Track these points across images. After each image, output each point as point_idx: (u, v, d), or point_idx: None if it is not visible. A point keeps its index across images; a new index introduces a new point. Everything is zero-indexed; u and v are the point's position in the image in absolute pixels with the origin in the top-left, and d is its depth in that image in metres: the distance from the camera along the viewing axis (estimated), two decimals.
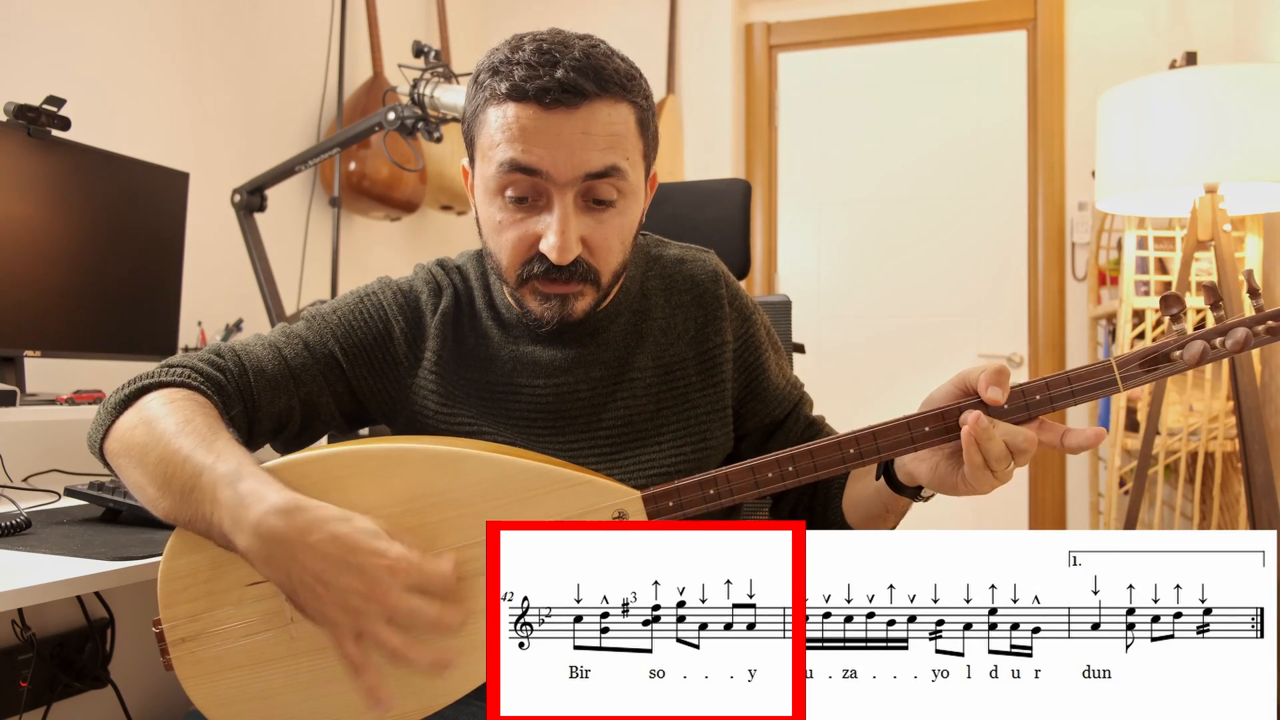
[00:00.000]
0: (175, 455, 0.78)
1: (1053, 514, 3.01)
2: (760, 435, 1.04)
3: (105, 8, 1.92)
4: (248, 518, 0.72)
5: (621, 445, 0.96)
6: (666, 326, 0.99)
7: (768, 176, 3.33)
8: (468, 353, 0.99)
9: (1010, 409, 0.78)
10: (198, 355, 0.93)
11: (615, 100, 0.86)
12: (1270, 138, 1.85)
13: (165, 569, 0.79)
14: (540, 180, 0.85)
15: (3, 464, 1.52)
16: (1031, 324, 3.07)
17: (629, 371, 0.97)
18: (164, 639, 0.79)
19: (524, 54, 0.85)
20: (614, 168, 0.86)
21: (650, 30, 3.24)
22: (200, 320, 2.06)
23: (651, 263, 1.03)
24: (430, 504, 0.79)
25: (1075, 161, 2.98)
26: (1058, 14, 3.02)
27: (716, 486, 0.81)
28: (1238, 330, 0.77)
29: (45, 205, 1.55)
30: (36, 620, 1.56)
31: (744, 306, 1.03)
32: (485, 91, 0.87)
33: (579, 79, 0.83)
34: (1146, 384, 0.81)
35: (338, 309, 0.99)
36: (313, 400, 0.96)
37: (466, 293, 1.01)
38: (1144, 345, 0.81)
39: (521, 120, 0.84)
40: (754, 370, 1.02)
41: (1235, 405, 1.91)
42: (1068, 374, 0.79)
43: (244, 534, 0.72)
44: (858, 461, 0.81)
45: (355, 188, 2.45)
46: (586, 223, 0.87)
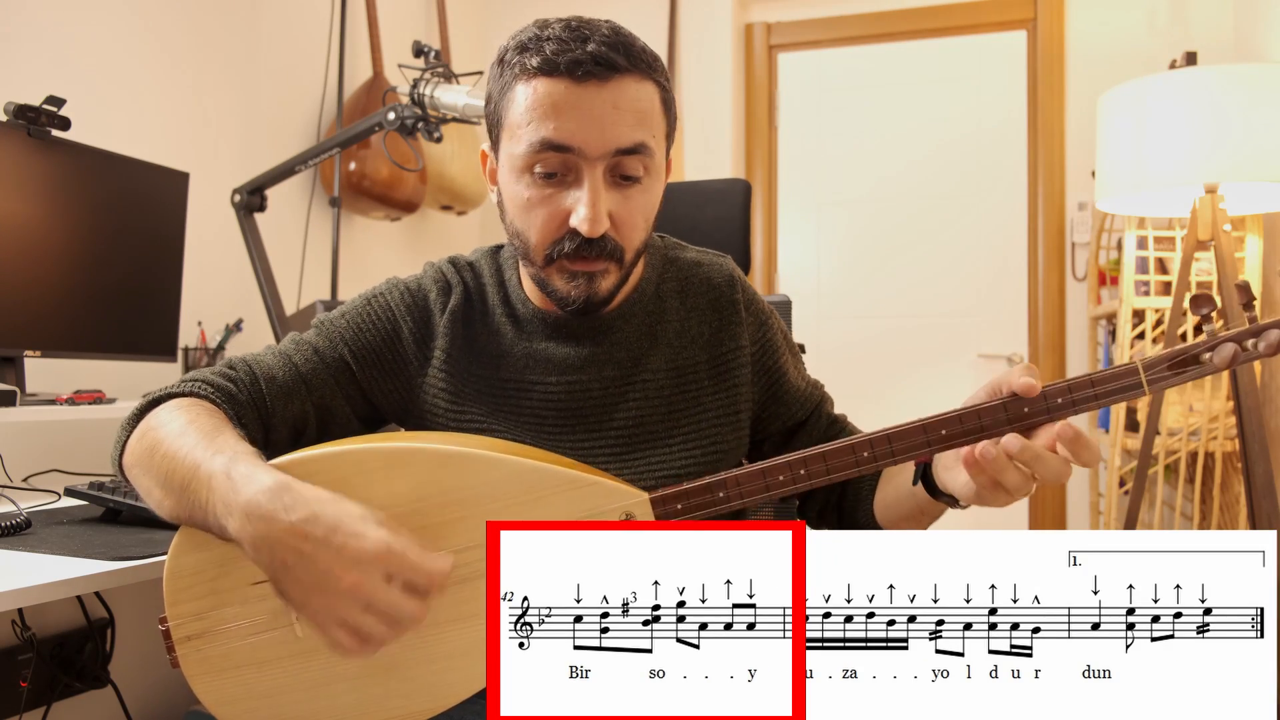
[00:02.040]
0: (177, 453, 0.79)
1: (1053, 514, 3.01)
2: (782, 437, 1.05)
3: (105, 8, 1.92)
4: (237, 500, 0.72)
5: (632, 446, 0.96)
6: (681, 329, 0.99)
7: (768, 176, 3.33)
8: (479, 350, 0.98)
9: (1031, 411, 0.77)
10: (210, 369, 0.93)
11: (642, 77, 0.87)
12: (1270, 138, 1.85)
13: (171, 567, 0.79)
14: (571, 156, 0.85)
15: (3, 464, 1.52)
16: (1031, 324, 3.07)
17: (641, 372, 0.97)
18: (170, 636, 0.79)
19: (554, 30, 0.86)
20: (642, 144, 0.87)
21: (650, 30, 3.24)
22: (200, 320, 2.06)
23: (668, 265, 1.03)
24: (437, 504, 0.79)
25: (1075, 161, 2.98)
26: (1058, 14, 3.02)
27: (726, 489, 0.81)
28: (1271, 332, 0.74)
29: (45, 205, 1.55)
30: (36, 620, 1.56)
31: (760, 311, 1.03)
32: (513, 69, 0.87)
33: (610, 53, 0.84)
34: (1175, 386, 0.77)
35: (346, 313, 0.99)
36: (326, 405, 0.96)
37: (479, 289, 1.01)
38: (1146, 345, 0.79)
39: (553, 95, 0.85)
40: (773, 374, 1.02)
41: (1235, 405, 1.91)
42: (1090, 377, 0.77)
43: (234, 517, 0.72)
44: (871, 465, 0.80)
45: (355, 188, 2.45)
46: (614, 198, 0.88)
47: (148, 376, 1.93)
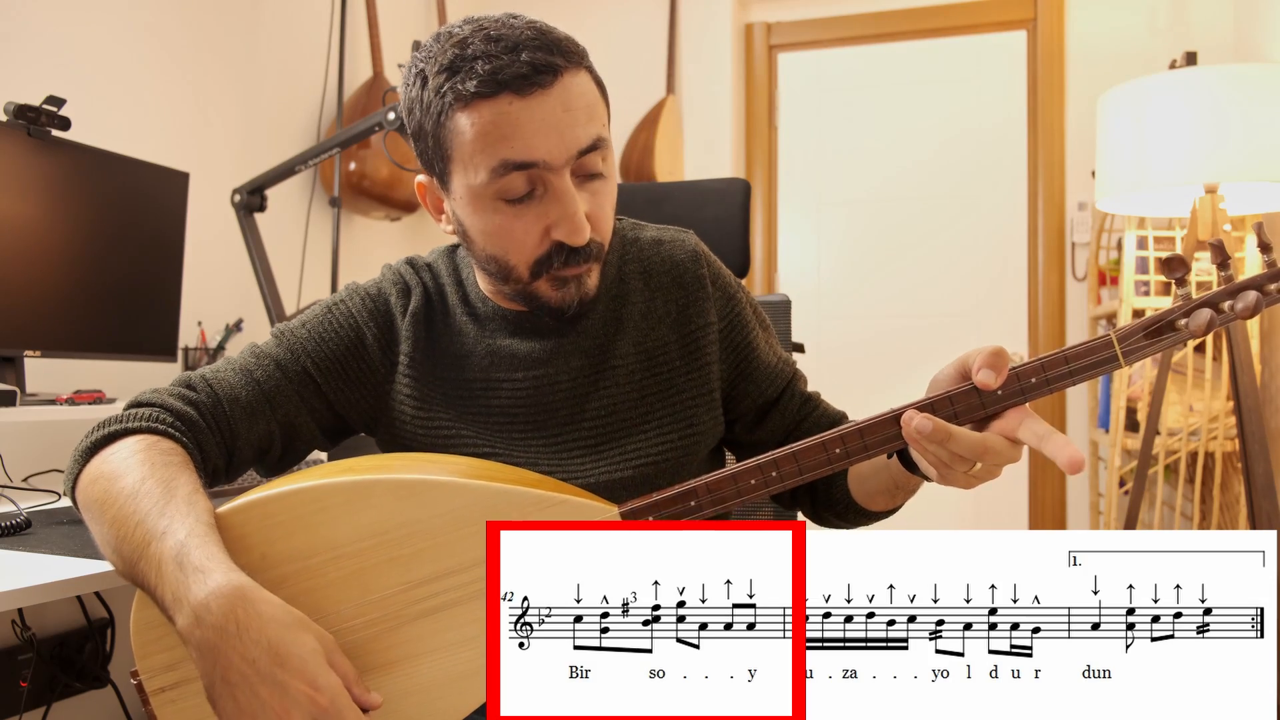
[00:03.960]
0: (128, 520, 0.74)
1: (1053, 514, 3.01)
2: (754, 416, 1.01)
3: (105, 8, 1.92)
4: (188, 598, 0.68)
5: (606, 436, 0.94)
6: (647, 311, 0.96)
7: (768, 176, 3.33)
8: (442, 352, 0.96)
9: (1005, 394, 0.75)
10: (168, 389, 0.89)
11: (576, 69, 0.84)
12: (1270, 138, 1.85)
13: (136, 619, 0.76)
14: (536, 171, 0.82)
15: (3, 464, 1.52)
16: (1031, 324, 3.07)
17: (610, 360, 0.95)
18: (143, 689, 0.77)
19: (476, 46, 0.81)
20: (599, 139, 0.85)
21: (650, 30, 3.24)
22: (200, 320, 2.06)
23: (628, 245, 0.99)
24: (402, 536, 0.77)
25: (1075, 161, 2.98)
26: (1058, 14, 3.02)
27: (698, 497, 0.79)
28: (1248, 293, 0.71)
29: (45, 205, 1.55)
30: (36, 620, 1.56)
31: (727, 285, 1.00)
32: (445, 97, 0.82)
33: (546, 55, 0.81)
34: (1150, 356, 0.74)
35: (306, 323, 0.95)
36: (291, 422, 0.93)
37: (438, 290, 0.98)
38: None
39: (501, 116, 0.81)
40: (742, 350, 0.99)
41: (1235, 405, 1.91)
42: (1064, 352, 0.74)
43: (183, 614, 0.68)
44: (844, 461, 0.78)
45: (355, 188, 2.45)
46: (585, 198, 0.86)
47: (148, 376, 1.93)
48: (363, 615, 0.77)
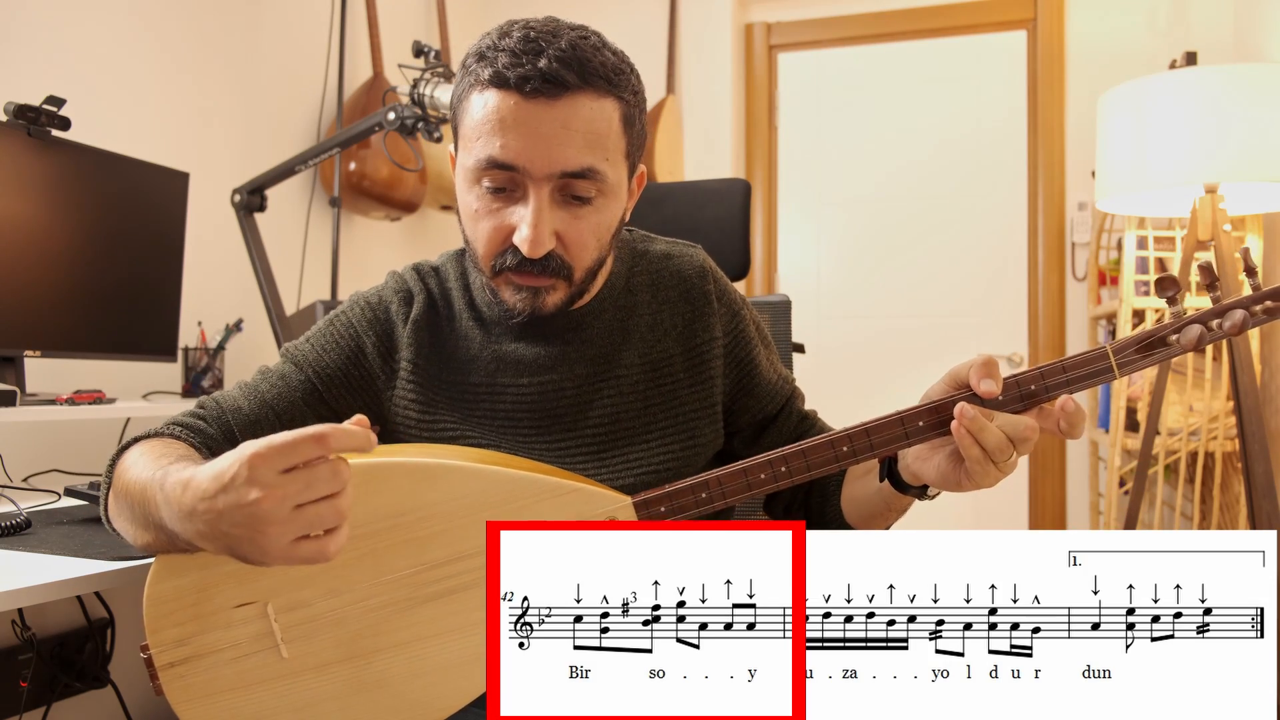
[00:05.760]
0: (135, 484, 0.77)
1: (1053, 514, 3.01)
2: (752, 431, 1.03)
3: (105, 8, 1.92)
4: (171, 511, 0.70)
5: (609, 444, 0.95)
6: (653, 323, 0.98)
7: (768, 176, 3.33)
8: (447, 356, 0.97)
9: (1005, 400, 0.77)
10: (181, 414, 0.94)
11: (599, 95, 0.84)
12: (1270, 138, 1.85)
13: (150, 593, 0.78)
14: (517, 174, 0.84)
15: (3, 464, 1.52)
16: (1031, 324, 3.07)
17: (615, 368, 0.96)
18: (152, 664, 0.78)
19: (510, 40, 0.84)
20: (590, 169, 0.85)
21: (650, 30, 3.24)
22: (200, 320, 2.06)
23: (638, 258, 1.01)
24: (417, 519, 0.78)
25: (1075, 161, 2.98)
26: (1058, 14, 3.02)
27: (709, 490, 0.81)
28: (1235, 312, 0.76)
29: (45, 205, 1.55)
30: (36, 620, 1.56)
31: (733, 302, 1.02)
32: (470, 77, 0.86)
33: (561, 70, 0.82)
34: (1144, 369, 0.79)
35: (310, 337, 0.99)
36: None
37: (443, 294, 1.00)
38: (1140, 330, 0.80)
39: (502, 110, 0.83)
40: (745, 366, 1.01)
41: (1235, 405, 1.91)
42: (1063, 362, 0.78)
43: (185, 524, 0.69)
44: (851, 460, 0.80)
45: (355, 188, 2.45)
46: (562, 217, 0.86)
47: (148, 376, 1.93)
48: (377, 595, 0.78)
